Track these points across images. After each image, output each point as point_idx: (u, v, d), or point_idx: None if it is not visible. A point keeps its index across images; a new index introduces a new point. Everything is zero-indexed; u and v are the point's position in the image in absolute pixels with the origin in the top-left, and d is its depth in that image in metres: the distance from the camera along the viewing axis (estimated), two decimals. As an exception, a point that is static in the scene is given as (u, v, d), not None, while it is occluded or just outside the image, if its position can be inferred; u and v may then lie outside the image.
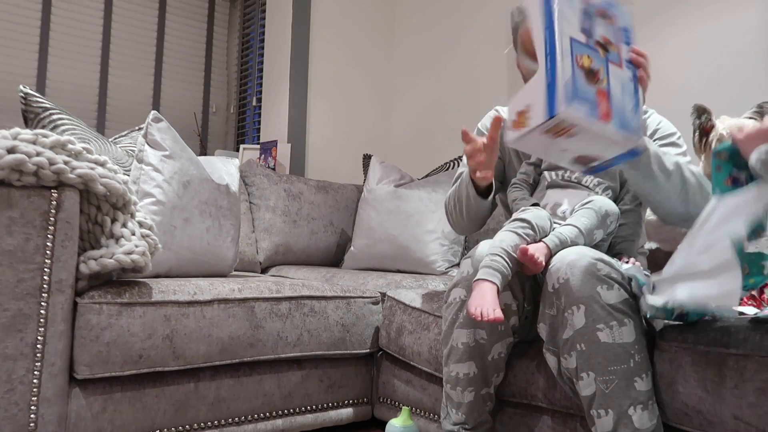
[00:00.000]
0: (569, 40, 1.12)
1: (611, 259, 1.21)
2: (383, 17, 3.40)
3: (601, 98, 1.13)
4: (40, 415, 1.20)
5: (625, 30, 1.22)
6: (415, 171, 2.81)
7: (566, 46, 1.11)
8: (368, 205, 2.42)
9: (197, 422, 1.44)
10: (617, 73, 1.18)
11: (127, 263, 1.27)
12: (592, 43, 1.15)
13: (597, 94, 1.12)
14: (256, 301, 1.53)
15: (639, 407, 1.08)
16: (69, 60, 3.23)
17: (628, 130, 1.16)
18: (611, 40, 1.19)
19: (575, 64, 1.11)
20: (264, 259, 2.41)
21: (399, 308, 1.68)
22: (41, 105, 1.67)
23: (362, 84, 3.31)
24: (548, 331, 1.21)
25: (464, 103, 2.92)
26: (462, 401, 1.30)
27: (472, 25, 2.94)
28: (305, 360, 1.65)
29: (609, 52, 1.17)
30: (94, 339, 1.26)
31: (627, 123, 1.16)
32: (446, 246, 2.24)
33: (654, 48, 2.18)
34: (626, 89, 1.19)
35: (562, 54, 1.10)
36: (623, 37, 1.21)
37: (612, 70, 1.17)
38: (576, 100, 1.09)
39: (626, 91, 1.19)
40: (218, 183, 1.78)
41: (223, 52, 3.77)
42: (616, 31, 1.20)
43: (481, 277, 1.20)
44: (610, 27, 1.19)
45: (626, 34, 1.22)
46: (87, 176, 1.24)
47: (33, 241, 1.19)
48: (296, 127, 3.11)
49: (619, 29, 1.20)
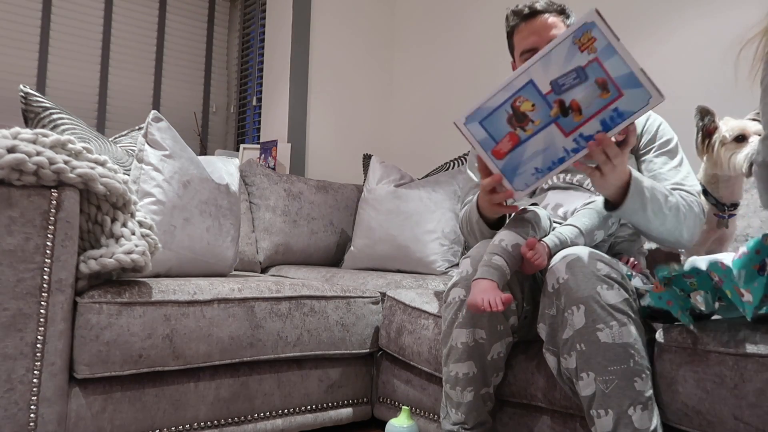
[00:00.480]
0: (528, 81, 1.14)
1: (611, 258, 1.21)
2: (383, 17, 3.40)
3: (509, 140, 1.18)
4: (40, 415, 1.20)
5: (620, 114, 1.12)
6: (415, 171, 2.81)
7: (518, 84, 1.15)
8: (368, 205, 2.42)
9: (197, 422, 1.44)
10: (553, 136, 1.16)
11: (127, 263, 1.27)
12: (551, 99, 1.14)
13: (508, 134, 1.18)
14: (256, 301, 1.53)
15: (639, 407, 1.08)
16: (69, 59, 3.23)
17: (510, 180, 1.22)
18: (583, 109, 1.13)
19: (510, 101, 1.15)
20: (264, 258, 2.41)
21: (399, 308, 1.68)
22: (41, 104, 1.67)
23: (362, 84, 3.31)
24: (548, 331, 1.21)
25: (464, 102, 2.92)
26: (461, 401, 1.30)
27: (473, 25, 2.94)
28: (305, 360, 1.65)
29: (566, 116, 1.14)
30: (94, 338, 1.26)
31: (514, 175, 1.21)
32: (446, 246, 2.24)
33: (654, 47, 2.18)
34: (549, 154, 1.18)
35: (505, 86, 1.15)
36: (608, 118, 1.13)
37: (550, 130, 1.16)
38: (473, 124, 1.17)
39: (546, 155, 1.18)
40: (218, 183, 1.78)
41: (223, 52, 3.77)
42: (604, 107, 1.12)
43: (480, 276, 1.21)
44: (598, 99, 1.12)
45: (617, 117, 1.12)
46: (87, 176, 1.24)
47: (33, 241, 1.19)
48: (296, 126, 3.11)
49: (612, 109, 1.12)
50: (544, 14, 1.37)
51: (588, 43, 1.08)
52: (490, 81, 2.82)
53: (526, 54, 1.40)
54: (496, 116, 1.17)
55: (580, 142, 1.15)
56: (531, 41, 1.39)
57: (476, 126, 1.18)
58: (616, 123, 1.13)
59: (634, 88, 1.09)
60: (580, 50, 1.09)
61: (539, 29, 1.38)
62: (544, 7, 1.39)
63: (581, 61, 1.10)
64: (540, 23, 1.38)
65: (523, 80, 1.13)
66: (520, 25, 1.41)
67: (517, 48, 1.43)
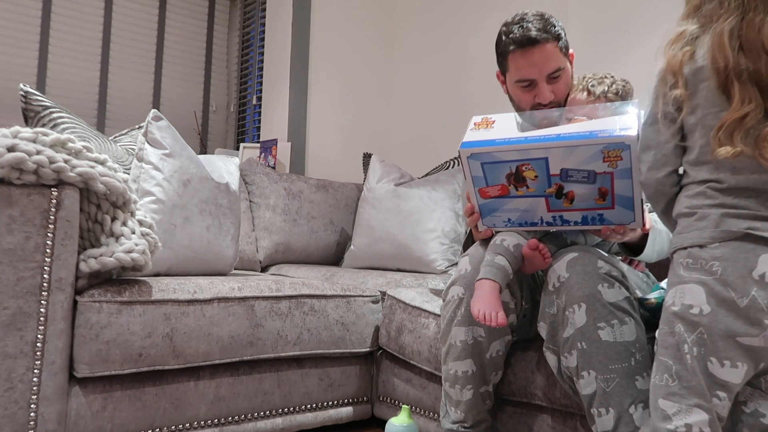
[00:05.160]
0: (544, 157, 1.15)
1: (612, 257, 1.21)
2: (384, 16, 3.40)
3: (499, 189, 1.22)
4: (40, 414, 1.20)
5: (601, 219, 1.19)
6: (415, 170, 2.80)
7: (534, 154, 1.15)
8: (368, 204, 2.41)
9: (197, 421, 1.44)
10: (537, 205, 1.21)
11: (127, 262, 1.27)
12: (554, 180, 1.17)
13: (501, 185, 1.21)
14: (256, 300, 1.53)
15: (640, 406, 1.08)
16: (69, 58, 3.22)
17: (482, 215, 1.28)
18: (575, 201, 1.17)
19: (517, 160, 1.17)
20: (264, 257, 2.41)
21: (399, 307, 1.68)
22: (41, 103, 1.67)
23: (362, 82, 3.31)
24: (548, 329, 1.21)
25: (464, 102, 2.92)
26: (461, 399, 1.30)
27: (473, 25, 2.93)
28: (305, 359, 1.65)
29: (558, 199, 1.18)
30: (94, 337, 1.26)
31: (489, 213, 1.27)
32: (446, 245, 2.24)
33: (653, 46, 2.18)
34: (526, 215, 1.24)
35: (522, 149, 1.15)
36: (590, 217, 1.19)
37: (538, 200, 1.20)
38: (475, 162, 1.19)
39: (523, 215, 1.24)
40: (218, 181, 1.78)
41: (223, 51, 3.76)
42: (592, 209, 1.18)
43: (484, 276, 1.21)
44: (592, 202, 1.17)
45: (597, 220, 1.20)
46: (87, 174, 1.24)
47: (33, 240, 1.19)
48: (296, 125, 3.11)
49: (598, 213, 1.18)
50: (541, 44, 1.35)
51: (614, 158, 1.10)
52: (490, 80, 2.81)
53: (522, 83, 1.39)
54: (498, 167, 1.19)
55: (557, 220, 1.22)
56: (530, 73, 1.36)
57: (477, 164, 1.20)
58: (593, 224, 1.21)
59: (625, 209, 1.16)
60: (603, 160, 1.11)
61: (538, 62, 1.35)
62: (541, 36, 1.34)
63: (598, 168, 1.12)
64: (538, 55, 1.35)
65: (541, 154, 1.15)
66: (516, 52, 1.36)
67: (512, 73, 1.41)
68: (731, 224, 0.90)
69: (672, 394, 0.92)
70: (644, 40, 2.20)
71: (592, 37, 2.33)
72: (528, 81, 1.38)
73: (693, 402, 0.90)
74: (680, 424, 0.90)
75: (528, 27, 1.34)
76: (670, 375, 0.92)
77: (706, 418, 0.89)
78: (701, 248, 0.91)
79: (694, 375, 0.90)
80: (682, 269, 0.93)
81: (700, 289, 0.90)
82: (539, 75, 1.36)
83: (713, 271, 0.89)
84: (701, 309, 0.90)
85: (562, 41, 1.38)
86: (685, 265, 0.93)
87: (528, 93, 1.39)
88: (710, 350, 0.89)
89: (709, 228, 0.91)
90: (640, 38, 2.21)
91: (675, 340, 0.92)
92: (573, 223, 1.21)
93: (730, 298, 0.88)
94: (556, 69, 1.36)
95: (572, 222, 1.21)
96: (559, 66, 1.36)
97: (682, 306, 0.92)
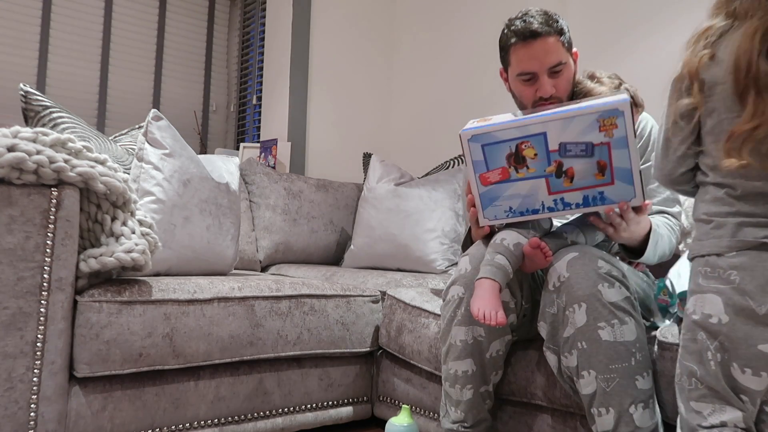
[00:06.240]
0: (542, 132, 1.16)
1: (612, 257, 1.21)
2: (384, 16, 3.40)
3: (500, 173, 1.23)
4: (40, 413, 1.20)
5: (602, 198, 1.19)
6: (415, 170, 2.80)
7: (532, 129, 1.17)
8: (368, 204, 2.41)
9: (197, 420, 1.44)
10: (538, 189, 1.21)
11: (127, 261, 1.27)
12: (553, 157, 1.18)
13: (501, 168, 1.22)
14: (256, 300, 1.53)
15: (640, 405, 1.08)
16: (69, 58, 3.22)
17: (483, 207, 1.28)
18: (575, 179, 1.18)
19: (518, 141, 1.19)
20: (264, 257, 2.41)
21: (399, 307, 1.68)
22: (41, 103, 1.67)
23: (362, 82, 3.31)
24: (548, 329, 1.21)
25: (464, 101, 2.92)
26: (461, 399, 1.30)
27: (473, 24, 2.93)
28: (305, 358, 1.65)
29: (558, 178, 1.19)
30: (94, 337, 1.26)
31: (489, 204, 1.27)
32: (446, 245, 2.24)
33: (653, 47, 2.18)
34: (527, 201, 1.24)
35: (520, 125, 1.18)
36: (591, 196, 1.20)
37: (539, 182, 1.21)
38: (476, 144, 1.21)
39: (524, 201, 1.24)
40: (218, 181, 1.78)
41: (223, 51, 3.76)
42: (592, 186, 1.18)
43: (484, 276, 1.20)
44: (592, 178, 1.17)
45: (598, 200, 1.20)
46: (87, 174, 1.24)
47: (33, 240, 1.19)
48: (296, 125, 3.10)
49: (599, 191, 1.19)
50: (543, 37, 1.35)
51: (609, 126, 1.12)
52: (490, 79, 2.81)
53: (524, 76, 1.39)
54: (498, 147, 1.21)
55: (558, 204, 1.22)
56: (531, 66, 1.36)
57: (477, 147, 1.22)
58: (595, 204, 1.20)
59: (625, 183, 1.16)
60: (599, 129, 1.13)
61: (540, 55, 1.35)
62: (543, 29, 1.34)
63: (595, 139, 1.14)
64: (540, 48, 1.35)
65: (539, 129, 1.17)
66: (517, 45, 1.36)
67: (514, 67, 1.41)
68: (748, 233, 0.90)
69: (703, 396, 0.93)
70: (644, 40, 2.20)
71: (593, 37, 2.33)
72: (529, 74, 1.37)
73: (724, 402, 0.91)
74: (716, 422, 0.91)
75: (530, 21, 1.35)
76: (697, 379, 0.94)
77: (740, 415, 0.90)
78: (719, 257, 0.92)
79: (718, 381, 0.91)
80: (701, 278, 0.94)
81: (718, 299, 0.91)
82: (540, 68, 1.36)
83: (731, 280, 0.90)
84: (720, 319, 0.91)
85: (565, 36, 1.38)
86: (704, 273, 0.94)
87: (529, 87, 1.39)
88: (733, 356, 0.90)
89: (726, 237, 0.92)
90: (640, 38, 2.21)
91: (698, 347, 0.94)
92: (575, 206, 1.21)
93: (748, 307, 0.88)
94: (558, 63, 1.35)
95: (574, 204, 1.21)
96: (560, 60, 1.36)
97: (702, 315, 0.93)
